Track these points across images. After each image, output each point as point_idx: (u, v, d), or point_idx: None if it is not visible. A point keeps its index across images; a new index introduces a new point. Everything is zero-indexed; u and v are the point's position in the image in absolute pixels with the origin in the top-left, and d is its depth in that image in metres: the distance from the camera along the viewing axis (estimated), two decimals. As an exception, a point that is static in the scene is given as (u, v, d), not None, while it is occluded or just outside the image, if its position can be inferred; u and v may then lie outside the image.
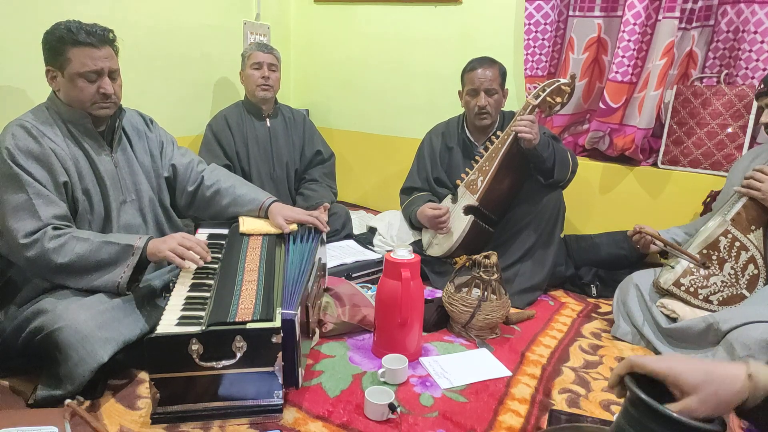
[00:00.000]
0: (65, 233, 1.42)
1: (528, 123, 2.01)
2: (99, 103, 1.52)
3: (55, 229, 1.42)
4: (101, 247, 1.42)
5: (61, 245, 1.39)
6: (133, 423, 1.31)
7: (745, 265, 1.71)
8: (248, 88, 2.54)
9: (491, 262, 1.81)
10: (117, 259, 1.43)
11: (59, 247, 1.39)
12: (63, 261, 1.39)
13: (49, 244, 1.39)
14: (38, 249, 1.38)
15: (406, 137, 3.06)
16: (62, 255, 1.39)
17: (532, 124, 2.01)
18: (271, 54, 2.51)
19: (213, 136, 2.48)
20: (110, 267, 1.43)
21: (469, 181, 2.20)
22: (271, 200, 1.83)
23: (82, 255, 1.40)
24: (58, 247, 1.39)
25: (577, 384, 1.58)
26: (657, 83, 2.31)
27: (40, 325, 1.34)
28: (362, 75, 3.20)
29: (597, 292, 2.26)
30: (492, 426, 1.36)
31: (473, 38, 2.80)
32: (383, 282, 1.62)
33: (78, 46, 1.45)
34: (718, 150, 2.31)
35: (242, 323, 1.29)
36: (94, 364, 1.31)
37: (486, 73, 2.17)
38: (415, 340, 1.65)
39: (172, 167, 1.81)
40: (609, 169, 2.56)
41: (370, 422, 1.34)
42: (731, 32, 2.31)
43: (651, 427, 0.69)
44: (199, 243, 1.52)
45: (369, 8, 3.10)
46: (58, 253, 1.39)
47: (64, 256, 1.39)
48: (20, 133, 1.44)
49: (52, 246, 1.39)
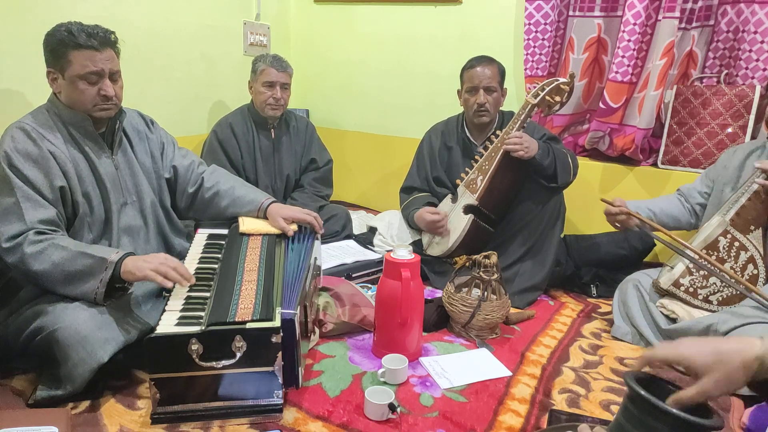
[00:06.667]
0: (46, 239, 1.38)
1: (515, 140, 2.00)
2: (100, 105, 1.52)
3: (38, 234, 1.38)
4: (77, 257, 1.37)
5: (39, 251, 1.36)
6: (133, 423, 1.31)
7: (744, 266, 1.71)
8: (257, 103, 2.46)
9: (491, 262, 1.82)
10: (91, 272, 1.37)
11: (37, 254, 1.36)
12: (39, 268, 1.36)
13: (28, 249, 1.35)
14: (18, 254, 1.36)
15: (406, 137, 3.06)
16: (39, 262, 1.36)
17: (520, 140, 2.00)
18: (285, 72, 2.42)
19: (218, 144, 2.44)
20: (85, 279, 1.37)
21: (469, 181, 2.20)
22: (269, 201, 1.83)
23: (57, 264, 1.36)
24: (36, 253, 1.36)
25: (577, 384, 1.58)
26: (657, 83, 2.31)
27: (40, 325, 1.34)
28: (362, 75, 3.20)
29: (597, 292, 2.26)
30: (492, 426, 1.36)
31: (473, 38, 2.81)
32: (383, 282, 1.62)
33: (79, 49, 1.44)
34: (718, 150, 2.31)
35: (242, 323, 1.29)
36: (94, 365, 1.31)
37: (485, 71, 2.17)
38: (415, 340, 1.65)
39: (173, 169, 1.80)
40: (609, 169, 2.56)
41: (370, 422, 1.34)
42: (731, 32, 2.31)
43: (651, 423, 0.69)
44: (181, 265, 1.44)
45: (369, 8, 3.10)
46: (35, 259, 1.36)
47: (41, 263, 1.36)
48: (19, 135, 1.44)
49: (30, 251, 1.35)
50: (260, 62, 2.42)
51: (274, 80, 2.39)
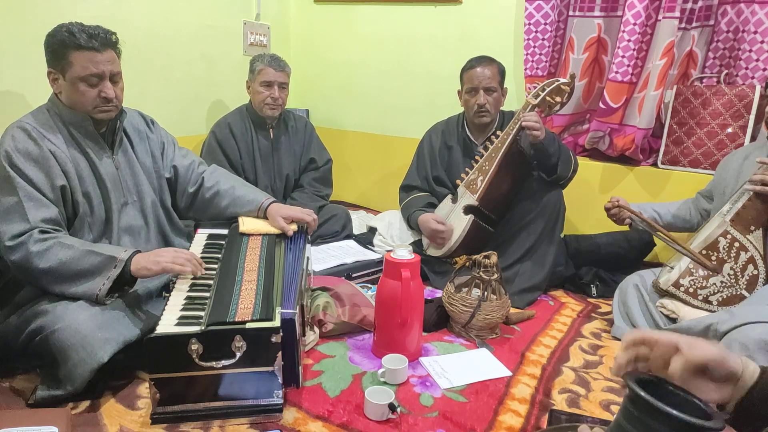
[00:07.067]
0: (51, 237, 1.39)
1: (535, 119, 2.02)
2: (100, 106, 1.52)
3: (42, 232, 1.39)
4: (84, 255, 1.38)
5: (44, 250, 1.37)
6: (133, 423, 1.31)
7: (744, 266, 1.71)
8: (255, 103, 2.46)
9: (491, 262, 1.81)
10: (98, 270, 1.39)
11: (42, 252, 1.36)
12: (45, 266, 1.36)
13: (34, 247, 1.36)
14: (22, 252, 1.36)
15: (406, 137, 3.06)
16: (45, 260, 1.36)
17: (538, 120, 2.03)
18: (283, 72, 2.42)
19: (217, 145, 2.44)
20: (91, 276, 1.39)
21: (469, 181, 2.20)
22: (269, 201, 1.83)
23: (64, 262, 1.37)
24: (41, 251, 1.36)
25: (577, 384, 1.58)
26: (657, 83, 2.31)
27: (39, 325, 1.34)
28: (362, 75, 3.20)
29: (597, 292, 2.26)
30: (492, 426, 1.36)
31: (473, 38, 2.81)
32: (383, 282, 1.62)
33: (80, 50, 1.44)
34: (718, 150, 2.31)
35: (242, 323, 1.29)
36: (94, 365, 1.31)
37: (485, 72, 2.17)
38: (415, 340, 1.65)
39: (173, 168, 1.80)
40: (609, 169, 2.56)
41: (370, 422, 1.34)
42: (731, 32, 2.31)
43: (651, 424, 0.69)
44: (193, 256, 1.50)
45: (369, 8, 3.10)
46: (41, 257, 1.36)
47: (46, 261, 1.36)
48: (20, 135, 1.44)
49: (35, 250, 1.36)
50: (258, 62, 2.42)
51: (272, 80, 2.39)
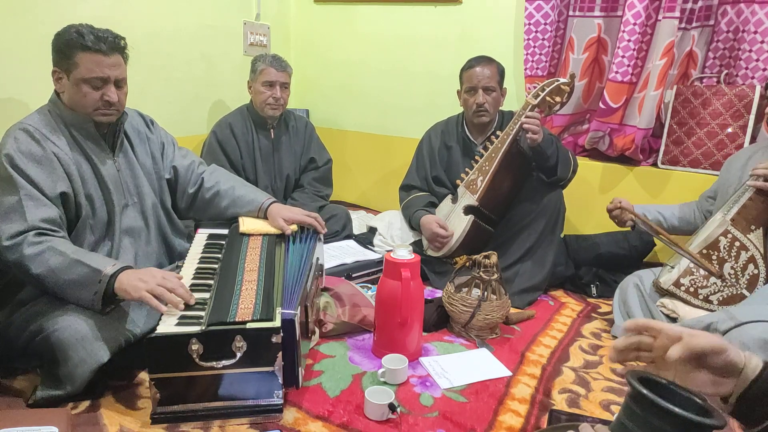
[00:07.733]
0: (46, 241, 1.36)
1: (534, 121, 2.02)
2: (101, 110, 1.51)
3: (38, 234, 1.36)
4: (72, 265, 1.34)
5: (36, 254, 1.34)
6: (133, 423, 1.31)
7: (745, 265, 1.71)
8: (257, 103, 2.45)
9: (491, 262, 1.81)
10: (84, 282, 1.34)
11: (35, 256, 1.34)
12: (36, 272, 1.34)
13: (27, 250, 1.34)
14: (18, 254, 1.35)
15: (406, 137, 3.06)
16: (36, 265, 1.33)
17: (538, 121, 2.02)
18: (285, 72, 2.42)
19: (218, 145, 2.44)
20: (78, 288, 1.35)
21: (469, 181, 2.20)
22: (270, 201, 1.83)
23: (53, 270, 1.34)
24: (34, 255, 1.34)
25: (577, 384, 1.58)
26: (657, 83, 2.31)
27: (40, 325, 1.34)
28: (362, 75, 3.20)
29: (597, 292, 2.26)
30: (492, 426, 1.36)
31: (473, 38, 2.81)
32: (383, 282, 1.62)
33: (87, 51, 1.44)
34: (718, 150, 2.31)
35: (242, 323, 1.29)
36: (94, 365, 1.31)
37: (484, 71, 2.17)
38: (415, 340, 1.65)
39: (173, 169, 1.80)
40: (609, 169, 2.56)
41: (370, 422, 1.34)
42: (731, 32, 2.31)
43: (654, 422, 0.69)
44: (181, 285, 1.38)
45: (369, 8, 3.10)
46: (33, 261, 1.34)
47: (38, 267, 1.33)
48: (23, 136, 1.44)
49: (28, 253, 1.34)
50: (259, 62, 2.42)
51: (273, 80, 2.39)
